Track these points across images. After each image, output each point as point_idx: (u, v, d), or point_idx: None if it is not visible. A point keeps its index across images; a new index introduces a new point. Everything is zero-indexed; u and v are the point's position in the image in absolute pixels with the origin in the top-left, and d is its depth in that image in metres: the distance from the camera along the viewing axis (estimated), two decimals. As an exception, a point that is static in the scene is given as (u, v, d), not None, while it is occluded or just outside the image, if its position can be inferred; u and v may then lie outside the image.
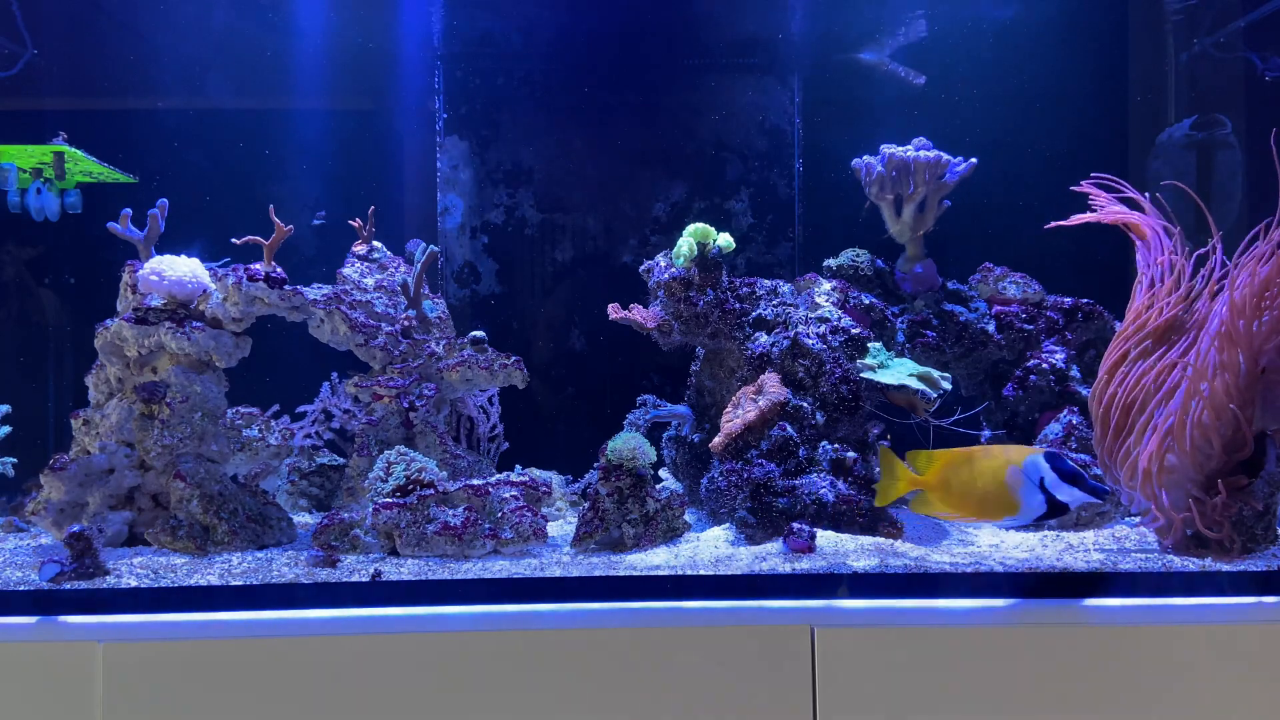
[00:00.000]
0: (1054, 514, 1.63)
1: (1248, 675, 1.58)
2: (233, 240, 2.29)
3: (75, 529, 1.74)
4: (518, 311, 2.95)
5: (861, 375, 2.16)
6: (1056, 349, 2.41)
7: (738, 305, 2.26)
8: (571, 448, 2.71)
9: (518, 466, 2.50)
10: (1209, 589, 1.67)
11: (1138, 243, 1.96)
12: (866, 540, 1.88)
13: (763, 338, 2.20)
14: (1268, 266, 1.75)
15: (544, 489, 2.11)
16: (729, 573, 1.71)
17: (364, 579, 1.71)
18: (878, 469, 2.13)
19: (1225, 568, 1.71)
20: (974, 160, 2.42)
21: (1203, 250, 1.90)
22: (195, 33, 2.91)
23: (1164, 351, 1.89)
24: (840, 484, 1.99)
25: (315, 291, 2.30)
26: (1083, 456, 2.17)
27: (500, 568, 1.79)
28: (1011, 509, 1.65)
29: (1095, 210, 1.99)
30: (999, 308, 2.47)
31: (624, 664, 1.59)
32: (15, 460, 2.51)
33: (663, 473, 2.56)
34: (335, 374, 2.69)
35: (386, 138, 3.03)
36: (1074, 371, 2.38)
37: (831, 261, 2.53)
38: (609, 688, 1.58)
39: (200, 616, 1.62)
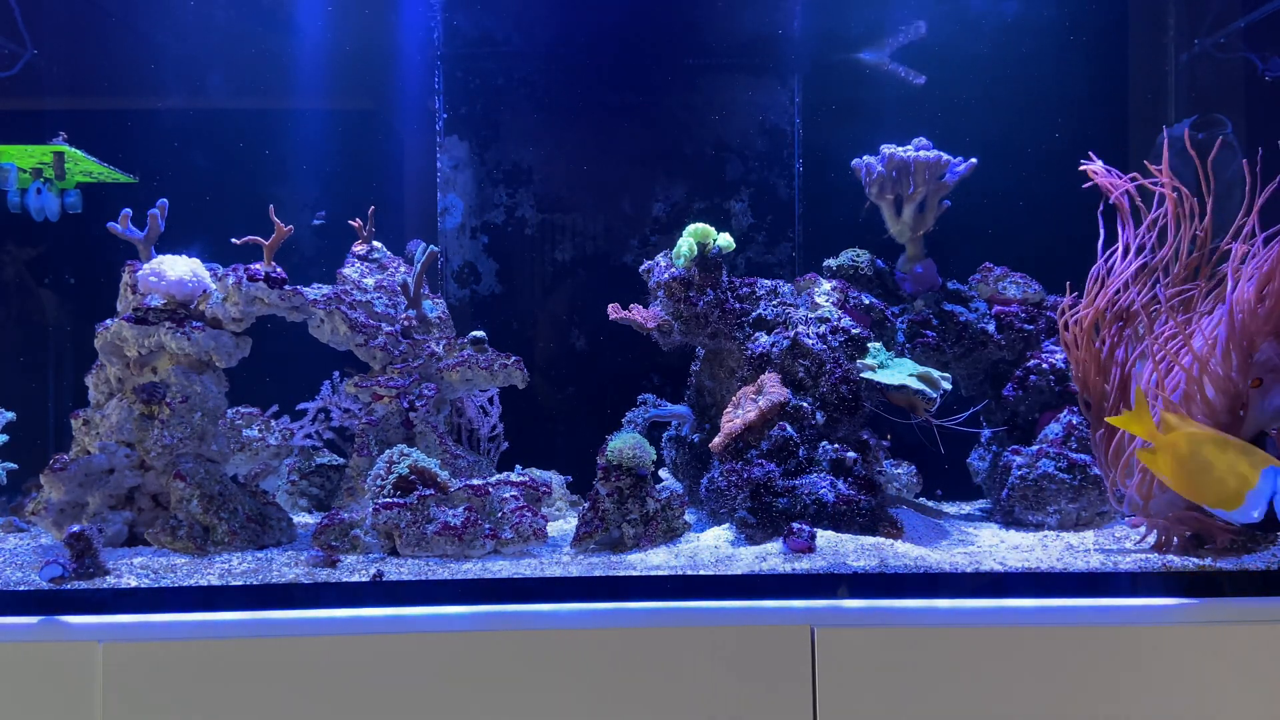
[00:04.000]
0: (1268, 528, 1.61)
1: (1247, 675, 1.58)
2: (233, 240, 2.30)
3: (75, 529, 1.74)
4: (518, 311, 2.95)
5: (861, 375, 2.16)
6: (1056, 349, 2.40)
7: (738, 305, 2.26)
8: (571, 448, 2.71)
9: (518, 466, 2.50)
10: (1209, 589, 1.67)
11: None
12: (866, 540, 1.88)
13: (763, 338, 2.20)
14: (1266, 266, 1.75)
15: (544, 489, 2.11)
16: (729, 573, 1.71)
17: (364, 579, 1.71)
18: (878, 469, 2.13)
19: (1225, 567, 1.72)
20: (974, 160, 2.42)
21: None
22: (195, 33, 2.91)
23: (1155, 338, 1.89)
24: (840, 484, 1.99)
25: (315, 291, 2.30)
26: (1082, 457, 2.17)
27: (500, 568, 1.79)
28: (1231, 504, 1.62)
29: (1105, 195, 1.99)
30: (999, 308, 2.47)
31: (624, 664, 1.59)
32: (14, 465, 2.51)
33: (663, 473, 2.56)
34: (336, 373, 2.69)
35: (386, 138, 3.03)
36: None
37: (831, 261, 2.53)
38: (609, 688, 1.58)
39: (200, 616, 1.62)
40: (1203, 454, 1.65)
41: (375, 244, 2.57)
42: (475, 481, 2.03)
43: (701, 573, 1.72)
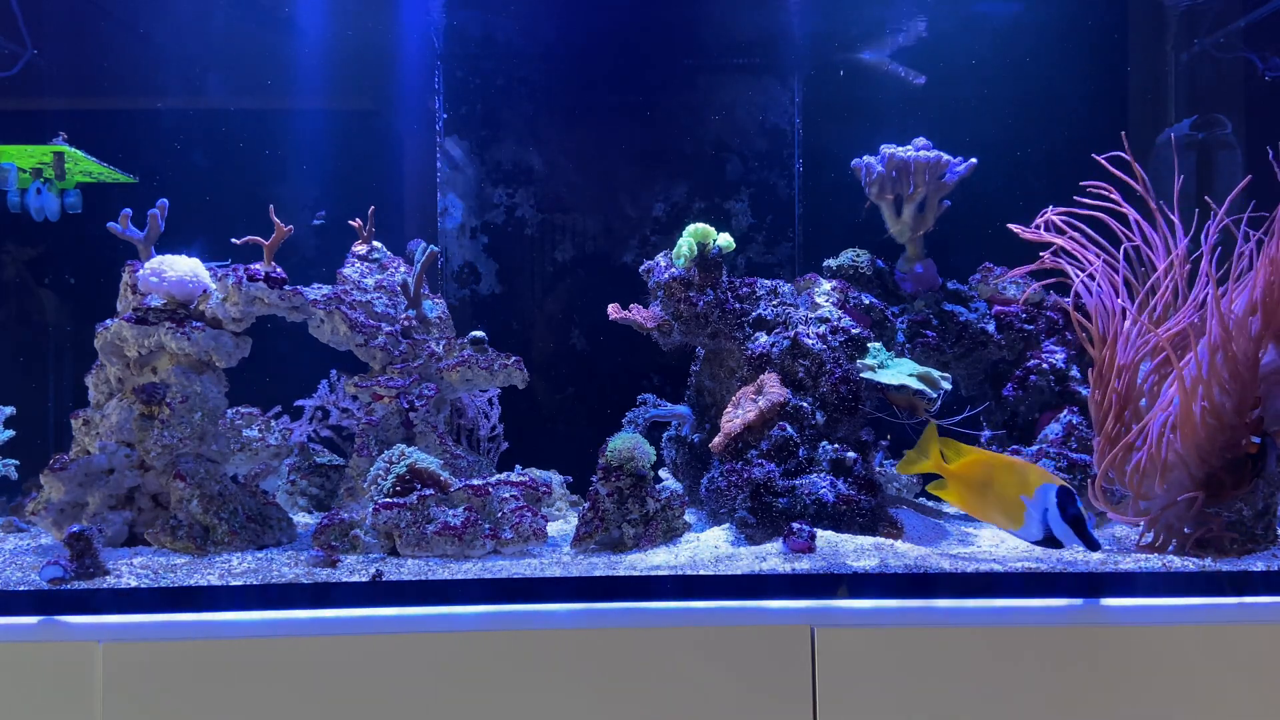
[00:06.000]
0: (1048, 545, 1.69)
1: (1248, 675, 1.58)
2: (233, 240, 2.30)
3: (75, 529, 1.74)
4: (518, 311, 2.95)
5: (861, 375, 2.16)
6: (1056, 349, 2.41)
7: (738, 305, 2.26)
8: (571, 448, 2.71)
9: (518, 466, 2.50)
10: (1209, 589, 1.67)
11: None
12: (866, 540, 1.88)
13: (763, 338, 2.20)
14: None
15: (544, 489, 2.11)
16: (729, 573, 1.71)
17: (364, 579, 1.71)
18: (878, 469, 2.13)
19: (1225, 568, 1.72)
20: (974, 160, 2.42)
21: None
22: (195, 33, 2.91)
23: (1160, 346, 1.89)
24: (840, 484, 1.99)
25: (315, 291, 2.30)
26: (1083, 457, 2.17)
27: (500, 568, 1.79)
28: (1016, 523, 1.71)
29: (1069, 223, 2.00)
30: (999, 308, 2.47)
31: (624, 664, 1.59)
32: (17, 462, 2.51)
33: (663, 473, 2.56)
34: (334, 371, 2.69)
35: (386, 138, 3.03)
36: (1074, 371, 2.38)
37: (831, 261, 2.53)
38: (609, 688, 1.58)
39: (200, 616, 1.62)
40: (983, 478, 1.74)
41: (375, 244, 2.57)
42: (475, 481, 2.03)
43: (701, 573, 1.71)
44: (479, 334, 2.41)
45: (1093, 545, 1.63)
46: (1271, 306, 1.74)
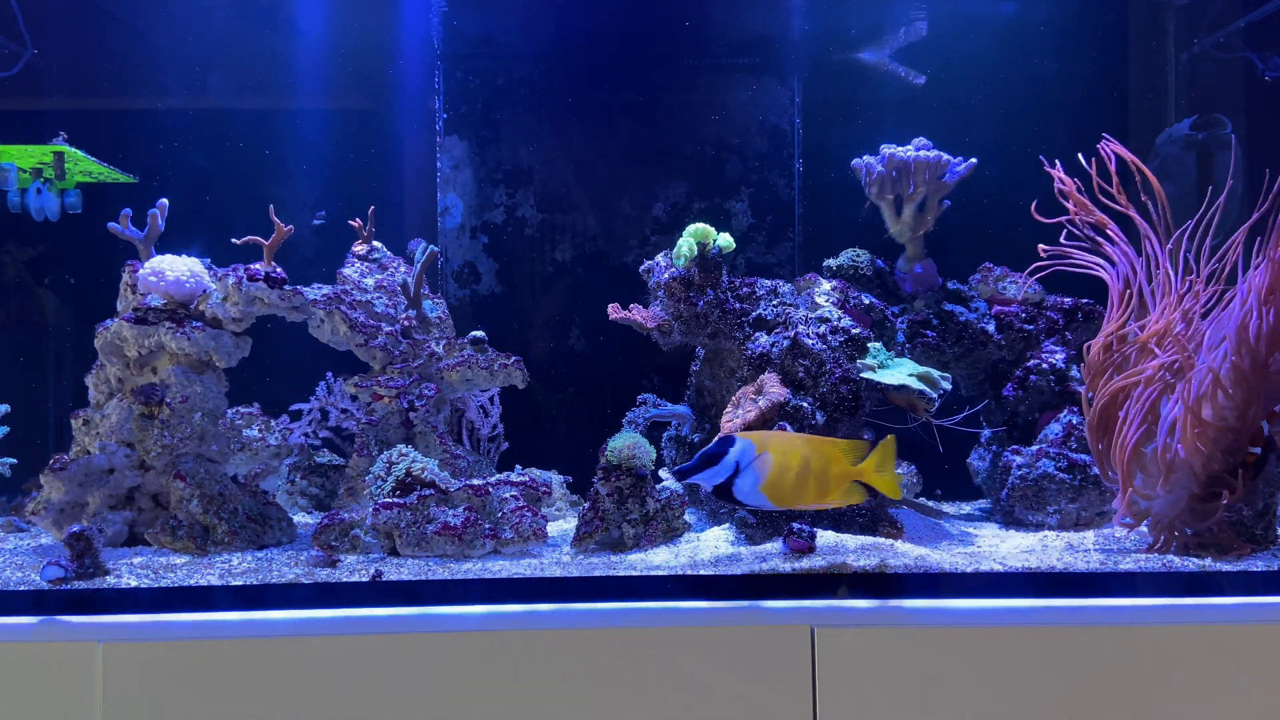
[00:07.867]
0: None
1: (1248, 675, 1.58)
2: (233, 240, 2.30)
3: (75, 529, 1.74)
4: (518, 311, 2.95)
5: (861, 375, 2.16)
6: (1056, 349, 2.41)
7: (738, 305, 2.26)
8: (571, 448, 2.71)
9: (518, 466, 2.50)
10: (1209, 589, 1.67)
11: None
12: (866, 540, 1.88)
13: (763, 338, 2.20)
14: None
15: (544, 489, 2.11)
16: (729, 573, 1.71)
17: (364, 579, 1.71)
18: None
19: (1225, 568, 1.72)
20: (974, 160, 2.42)
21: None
22: (195, 33, 2.91)
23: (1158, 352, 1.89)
24: (840, 484, 1.99)
25: (315, 291, 2.30)
26: (1083, 457, 2.17)
27: (500, 568, 1.79)
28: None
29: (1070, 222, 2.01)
30: (999, 308, 2.47)
31: (624, 664, 1.59)
32: (15, 460, 2.51)
33: (663, 473, 2.56)
34: (330, 373, 2.69)
35: (386, 138, 3.03)
36: (1074, 371, 2.38)
37: (831, 261, 2.53)
38: (609, 688, 1.58)
39: (200, 616, 1.62)
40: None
41: (375, 244, 2.57)
42: (475, 481, 2.03)
43: (701, 573, 1.72)
44: (479, 334, 2.41)
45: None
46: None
